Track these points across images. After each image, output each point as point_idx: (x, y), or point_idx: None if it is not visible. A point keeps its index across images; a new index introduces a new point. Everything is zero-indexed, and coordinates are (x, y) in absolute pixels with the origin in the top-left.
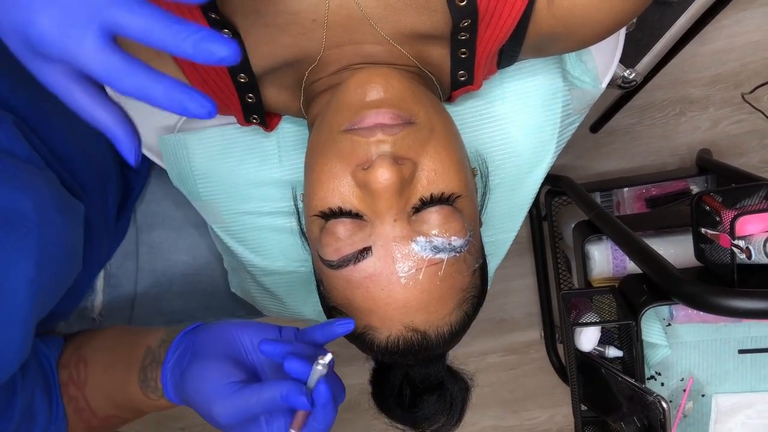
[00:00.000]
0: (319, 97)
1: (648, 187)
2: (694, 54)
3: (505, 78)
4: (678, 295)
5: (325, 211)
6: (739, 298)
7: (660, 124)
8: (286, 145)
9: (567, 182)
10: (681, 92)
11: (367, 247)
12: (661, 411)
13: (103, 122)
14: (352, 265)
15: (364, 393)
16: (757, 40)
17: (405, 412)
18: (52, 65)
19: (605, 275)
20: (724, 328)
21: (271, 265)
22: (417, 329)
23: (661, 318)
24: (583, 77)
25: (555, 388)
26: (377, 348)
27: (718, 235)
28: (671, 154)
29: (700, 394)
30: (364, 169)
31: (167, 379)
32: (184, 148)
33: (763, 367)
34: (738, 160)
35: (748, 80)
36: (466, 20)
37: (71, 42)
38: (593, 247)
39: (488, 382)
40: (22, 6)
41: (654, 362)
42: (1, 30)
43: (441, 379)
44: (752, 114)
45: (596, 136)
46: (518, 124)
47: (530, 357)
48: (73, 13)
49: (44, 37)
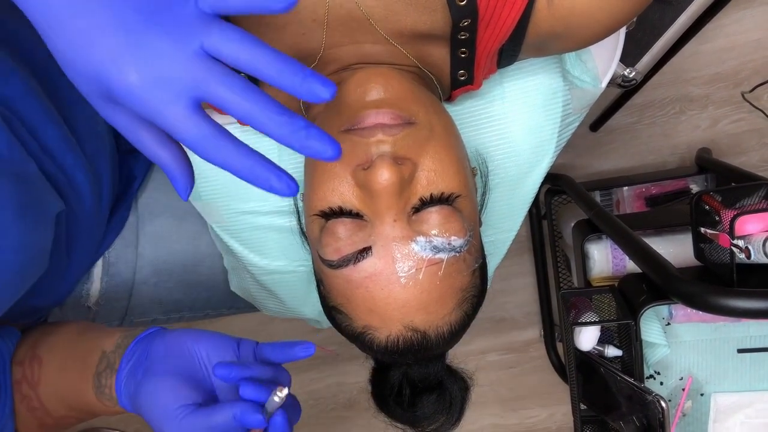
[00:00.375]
0: None
1: (648, 186)
2: (694, 52)
3: (505, 77)
4: (677, 295)
5: (326, 210)
6: (738, 297)
7: (660, 123)
8: None
9: (566, 181)
10: (681, 91)
11: (367, 247)
12: (660, 410)
13: (164, 162)
14: (352, 265)
15: (363, 392)
16: (757, 38)
17: (404, 412)
18: (123, 111)
19: (605, 274)
20: (723, 327)
21: (270, 264)
22: (417, 329)
23: (661, 317)
24: (583, 77)
25: (554, 387)
26: (377, 347)
27: (717, 235)
28: (671, 153)
29: (699, 394)
30: (364, 169)
31: (121, 388)
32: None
33: (762, 367)
34: (738, 159)
35: (748, 79)
36: (466, 20)
37: (160, 105)
38: (593, 246)
39: (488, 381)
40: (109, 56)
41: (653, 361)
42: (74, 70)
43: (440, 379)
44: (752, 113)
45: (596, 135)
46: (518, 123)
47: (530, 356)
48: (167, 77)
49: (130, 93)
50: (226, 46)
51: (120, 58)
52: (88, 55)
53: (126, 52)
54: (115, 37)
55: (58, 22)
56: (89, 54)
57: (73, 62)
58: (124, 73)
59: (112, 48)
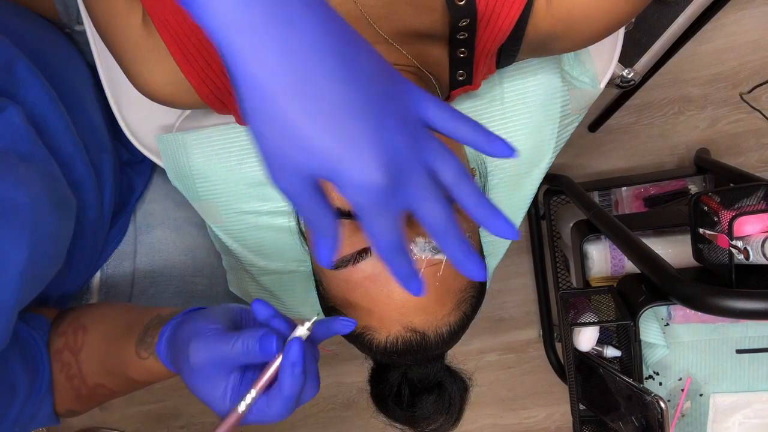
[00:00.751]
0: None
1: (646, 187)
2: (692, 53)
3: (504, 78)
4: (676, 296)
5: None
6: (736, 298)
7: (658, 124)
8: None
9: (565, 181)
10: (679, 91)
11: (366, 248)
12: (659, 411)
13: (327, 230)
14: (351, 265)
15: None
16: (756, 39)
17: (403, 412)
18: (305, 188)
19: (603, 275)
20: (721, 328)
21: (269, 264)
22: (416, 329)
23: (660, 318)
24: (581, 77)
25: (553, 387)
26: (376, 348)
27: (716, 236)
28: (669, 153)
29: (698, 394)
30: None
31: (165, 332)
32: (182, 148)
33: (761, 367)
34: (736, 160)
35: (747, 80)
36: (465, 20)
37: (373, 210)
38: (592, 246)
39: (487, 381)
40: (341, 143)
41: (652, 362)
42: (277, 159)
43: (440, 379)
44: (750, 113)
45: (595, 135)
46: (517, 124)
47: (528, 356)
48: (399, 168)
49: (360, 184)
50: (441, 123)
51: (357, 145)
52: (311, 142)
53: (360, 139)
54: (349, 123)
55: (274, 110)
56: (313, 141)
57: (282, 148)
58: (358, 160)
59: (345, 135)
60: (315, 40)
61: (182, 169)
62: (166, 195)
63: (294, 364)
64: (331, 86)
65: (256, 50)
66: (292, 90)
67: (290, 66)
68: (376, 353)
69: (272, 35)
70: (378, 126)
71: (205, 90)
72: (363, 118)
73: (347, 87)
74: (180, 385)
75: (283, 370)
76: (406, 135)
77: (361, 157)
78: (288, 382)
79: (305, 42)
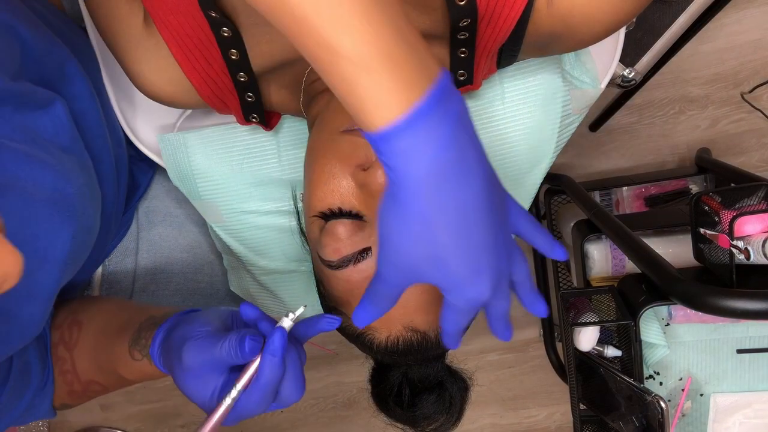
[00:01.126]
0: (319, 97)
1: (647, 186)
2: (693, 53)
3: (505, 78)
4: (676, 296)
5: (325, 211)
6: (737, 298)
7: (659, 123)
8: (286, 145)
9: (566, 181)
10: (680, 91)
11: (367, 248)
12: (660, 411)
13: (371, 302)
14: (352, 265)
15: (362, 391)
16: (757, 39)
17: (404, 412)
18: (402, 282)
19: (604, 275)
20: (722, 327)
21: (270, 264)
22: (417, 329)
23: (660, 318)
24: (582, 77)
25: (553, 387)
26: (377, 347)
27: (716, 236)
28: (670, 153)
29: (698, 394)
30: (363, 170)
31: (159, 335)
32: (183, 147)
33: (761, 367)
34: (737, 159)
35: (748, 79)
36: (466, 19)
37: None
38: (592, 246)
39: (487, 381)
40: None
41: (652, 362)
42: (401, 256)
43: (440, 379)
44: (751, 113)
45: (595, 135)
46: (518, 124)
47: (529, 355)
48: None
49: (473, 298)
50: (525, 231)
51: (479, 278)
52: (445, 265)
53: (484, 271)
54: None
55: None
56: (448, 265)
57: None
58: (478, 285)
59: (475, 268)
60: (478, 196)
61: (183, 169)
62: (167, 192)
63: (273, 352)
64: (478, 231)
65: (429, 198)
66: (449, 227)
67: (455, 212)
68: (377, 353)
69: (447, 189)
70: (497, 255)
71: (206, 90)
72: (491, 254)
73: (489, 232)
74: None
75: (263, 358)
76: (506, 250)
77: (480, 282)
78: (265, 371)
79: (469, 196)
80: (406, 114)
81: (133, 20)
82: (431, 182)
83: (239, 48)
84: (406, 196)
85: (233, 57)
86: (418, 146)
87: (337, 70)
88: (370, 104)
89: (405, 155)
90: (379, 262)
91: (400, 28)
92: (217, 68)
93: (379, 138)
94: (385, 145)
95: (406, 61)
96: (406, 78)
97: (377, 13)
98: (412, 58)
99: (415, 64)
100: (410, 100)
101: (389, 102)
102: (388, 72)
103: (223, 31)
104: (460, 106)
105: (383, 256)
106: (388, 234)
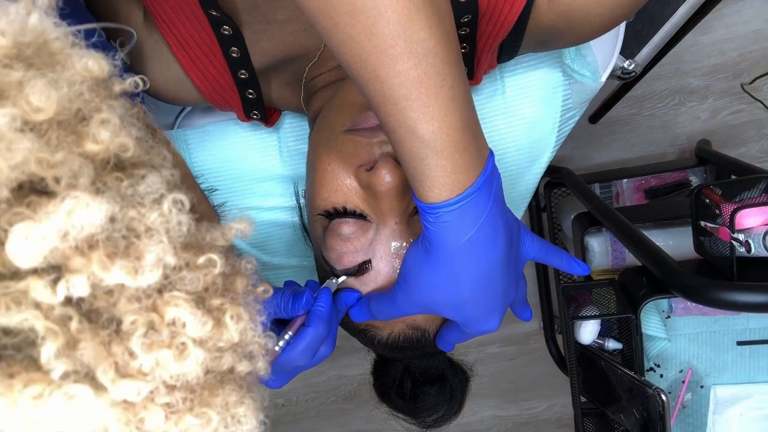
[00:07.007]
0: (319, 93)
1: (647, 178)
2: (693, 44)
3: (505, 72)
4: (677, 289)
5: (330, 210)
6: (738, 291)
7: (659, 115)
8: (287, 141)
9: (566, 174)
10: (680, 82)
11: (367, 261)
12: (661, 403)
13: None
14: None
15: (364, 384)
16: (757, 30)
17: (406, 403)
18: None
19: (604, 267)
20: (722, 320)
21: (273, 260)
22: (418, 327)
23: (661, 310)
24: (582, 71)
25: (554, 378)
26: (378, 343)
27: (717, 228)
28: (670, 145)
29: (698, 386)
30: (367, 170)
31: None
32: (184, 144)
33: (762, 359)
34: (737, 150)
35: (748, 70)
36: (467, 15)
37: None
38: (593, 239)
39: (488, 373)
40: (484, 317)
41: (653, 354)
42: (424, 294)
43: (441, 371)
44: (751, 104)
45: (595, 127)
46: (518, 118)
47: (529, 347)
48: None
49: (484, 331)
50: (539, 256)
51: (491, 317)
52: (464, 308)
53: (499, 312)
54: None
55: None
56: (466, 309)
57: (435, 297)
58: (490, 323)
59: (492, 312)
60: (501, 255)
61: None
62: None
63: (319, 312)
64: (497, 281)
65: (461, 261)
66: (474, 282)
67: (480, 272)
68: (378, 348)
69: (478, 253)
70: (508, 295)
71: (207, 87)
72: (505, 296)
73: (505, 279)
74: None
75: (312, 313)
76: (516, 283)
77: (493, 320)
78: (312, 321)
79: (493, 256)
80: (458, 195)
81: (133, 19)
82: (465, 250)
83: (240, 46)
84: (440, 256)
85: (234, 55)
86: (461, 222)
87: (409, 147)
88: (431, 182)
89: (448, 227)
90: (396, 294)
91: (470, 117)
92: (218, 66)
93: (428, 207)
94: (432, 214)
95: (466, 149)
96: (466, 164)
97: (456, 103)
98: (473, 145)
99: (474, 152)
100: (465, 186)
101: (447, 184)
102: (453, 158)
103: (224, 30)
104: (497, 181)
105: (405, 293)
106: (416, 279)
